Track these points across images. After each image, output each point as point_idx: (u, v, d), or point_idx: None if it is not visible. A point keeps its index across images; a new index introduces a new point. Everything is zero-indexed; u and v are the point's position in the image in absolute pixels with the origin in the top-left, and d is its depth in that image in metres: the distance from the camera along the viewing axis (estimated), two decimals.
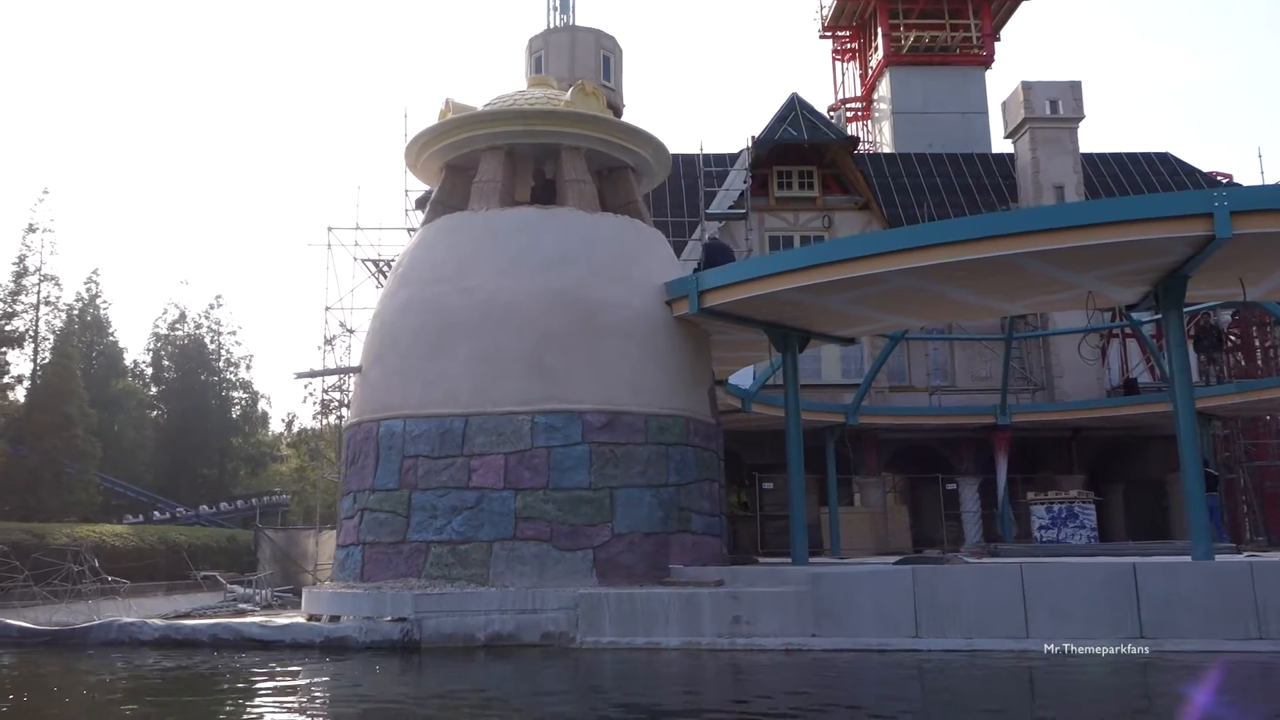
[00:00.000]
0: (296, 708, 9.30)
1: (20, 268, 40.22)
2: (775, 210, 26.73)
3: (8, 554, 18.68)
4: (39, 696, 10.09)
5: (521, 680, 10.89)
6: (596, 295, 14.27)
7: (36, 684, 10.97)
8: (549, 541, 13.23)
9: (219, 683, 10.95)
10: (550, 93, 16.31)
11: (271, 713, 9.08)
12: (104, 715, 8.94)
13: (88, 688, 10.67)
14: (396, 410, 14.11)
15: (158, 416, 50.38)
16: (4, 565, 18.27)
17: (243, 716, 8.95)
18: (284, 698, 10.05)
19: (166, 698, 9.91)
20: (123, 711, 9.06)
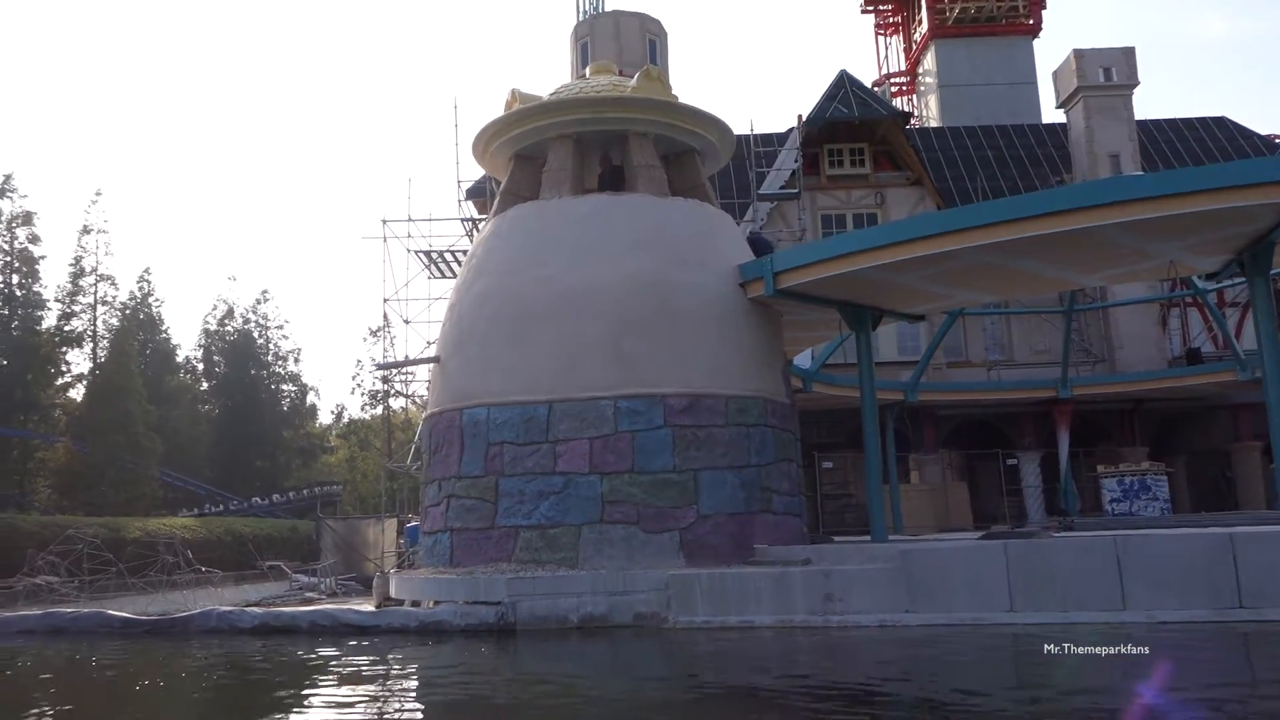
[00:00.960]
0: (413, 689, 9.57)
1: (77, 269, 41.12)
2: (827, 189, 26.64)
3: (100, 547, 19.21)
4: (173, 683, 10.46)
5: (628, 659, 11.11)
6: (672, 279, 14.38)
7: (163, 672, 11.34)
8: (636, 524, 13.41)
9: (330, 666, 11.26)
10: (615, 79, 16.39)
11: (387, 696, 9.35)
12: (240, 699, 9.25)
13: (218, 673, 11.02)
14: (479, 399, 14.33)
15: (208, 410, 51.31)
16: (97, 558, 18.81)
17: (362, 697, 9.22)
18: (396, 681, 10.34)
19: (285, 681, 10.23)
20: (252, 696, 9.37)
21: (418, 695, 9.37)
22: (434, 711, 8.37)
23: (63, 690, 10.22)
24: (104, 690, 10.16)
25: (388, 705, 8.78)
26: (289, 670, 10.94)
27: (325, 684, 10.10)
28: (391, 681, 10.43)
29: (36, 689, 10.49)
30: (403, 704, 8.92)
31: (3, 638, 14.93)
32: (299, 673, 10.82)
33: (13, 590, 22.27)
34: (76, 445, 38.44)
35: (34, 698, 9.67)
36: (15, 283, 39.94)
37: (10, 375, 38.87)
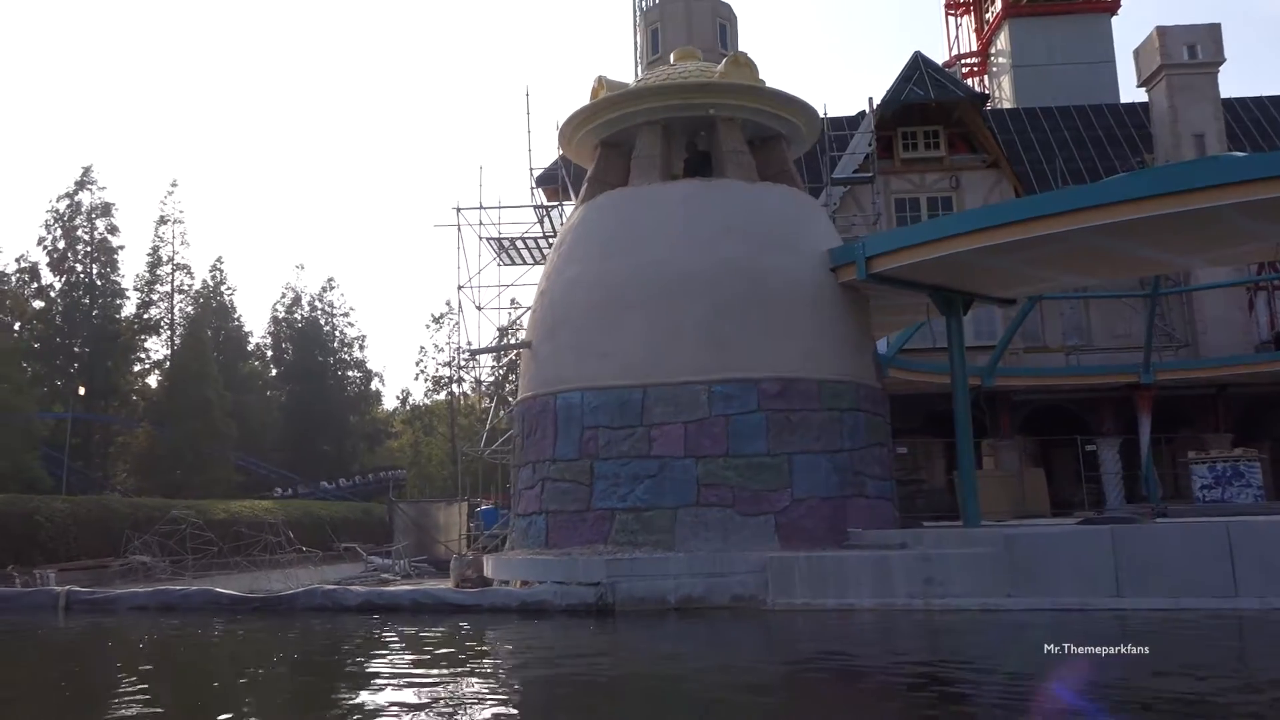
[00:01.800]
0: (526, 665, 9.80)
1: (154, 258, 42.30)
2: (901, 172, 26.38)
3: (203, 527, 19.87)
4: (297, 658, 10.84)
5: (732, 640, 11.25)
6: (764, 264, 14.43)
7: (287, 647, 11.73)
8: (731, 507, 13.52)
9: (444, 642, 11.56)
10: (702, 65, 16.42)
11: (502, 671, 9.58)
12: (360, 670, 9.57)
13: (342, 647, 11.39)
14: (573, 383, 14.53)
15: (276, 396, 52.42)
16: (199, 538, 19.46)
17: (486, 671, 9.47)
18: (509, 657, 10.59)
19: (407, 655, 10.53)
20: (374, 666, 9.68)
21: (531, 670, 9.60)
22: (551, 686, 8.56)
23: (210, 663, 10.65)
24: (260, 664, 10.56)
25: (506, 679, 9.01)
26: (411, 644, 11.25)
27: (441, 658, 10.38)
28: (504, 658, 10.70)
29: (176, 661, 10.95)
30: (518, 679, 9.14)
31: (116, 613, 15.56)
32: (417, 647, 11.13)
33: (110, 569, 23.13)
34: (155, 430, 39.66)
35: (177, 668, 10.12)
36: (95, 272, 41.25)
37: (91, 362, 40.21)
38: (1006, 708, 7.10)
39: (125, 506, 25.58)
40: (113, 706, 7.73)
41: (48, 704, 8.06)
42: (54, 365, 40.22)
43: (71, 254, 40.65)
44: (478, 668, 9.82)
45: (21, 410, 32.14)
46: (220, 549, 18.98)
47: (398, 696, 7.72)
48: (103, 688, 8.94)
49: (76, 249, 40.78)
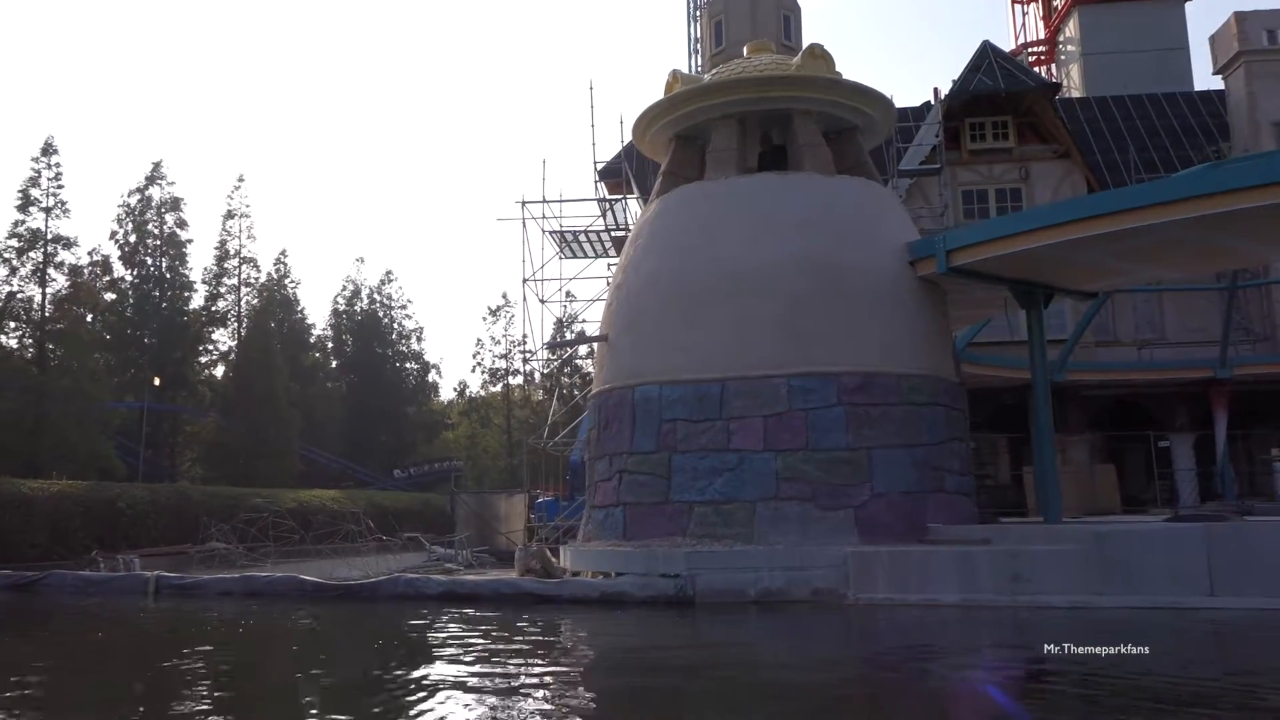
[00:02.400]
0: (612, 654, 9.90)
1: (222, 252, 43.21)
2: (968, 164, 26.03)
3: (284, 516, 20.34)
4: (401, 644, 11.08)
5: (823, 633, 11.27)
6: (843, 258, 14.38)
7: (384, 633, 11.99)
8: (811, 501, 13.52)
9: (525, 631, 11.74)
10: (777, 58, 16.37)
11: (609, 657, 9.70)
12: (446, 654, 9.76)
13: (442, 634, 11.63)
14: (651, 376, 14.62)
15: (336, 387, 53.30)
16: (281, 526, 19.93)
17: (570, 659, 9.61)
18: (599, 648, 10.71)
19: (497, 644, 10.72)
20: (461, 653, 9.87)
21: (614, 660, 9.71)
22: (636, 676, 8.65)
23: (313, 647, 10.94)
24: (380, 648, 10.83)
25: (589, 668, 9.12)
26: (494, 632, 11.44)
27: (526, 646, 10.56)
28: (586, 647, 10.82)
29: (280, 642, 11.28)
30: (601, 668, 9.22)
31: (205, 598, 16.02)
32: (499, 635, 11.32)
33: (188, 555, 23.79)
34: (223, 421, 40.59)
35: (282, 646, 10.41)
36: (165, 266, 42.24)
37: (161, 353, 41.23)
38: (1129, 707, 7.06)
39: (201, 494, 26.26)
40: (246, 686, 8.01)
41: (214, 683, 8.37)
42: (125, 356, 41.30)
43: (142, 248, 41.68)
44: (561, 656, 9.97)
45: (98, 399, 33.09)
46: (302, 537, 19.41)
47: (484, 683, 7.90)
48: (240, 668, 9.26)
49: (147, 243, 41.80)
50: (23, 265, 32.95)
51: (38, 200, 33.37)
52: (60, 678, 8.87)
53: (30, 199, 33.27)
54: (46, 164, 33.58)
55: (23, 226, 33.07)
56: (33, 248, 33.15)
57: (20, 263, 32.92)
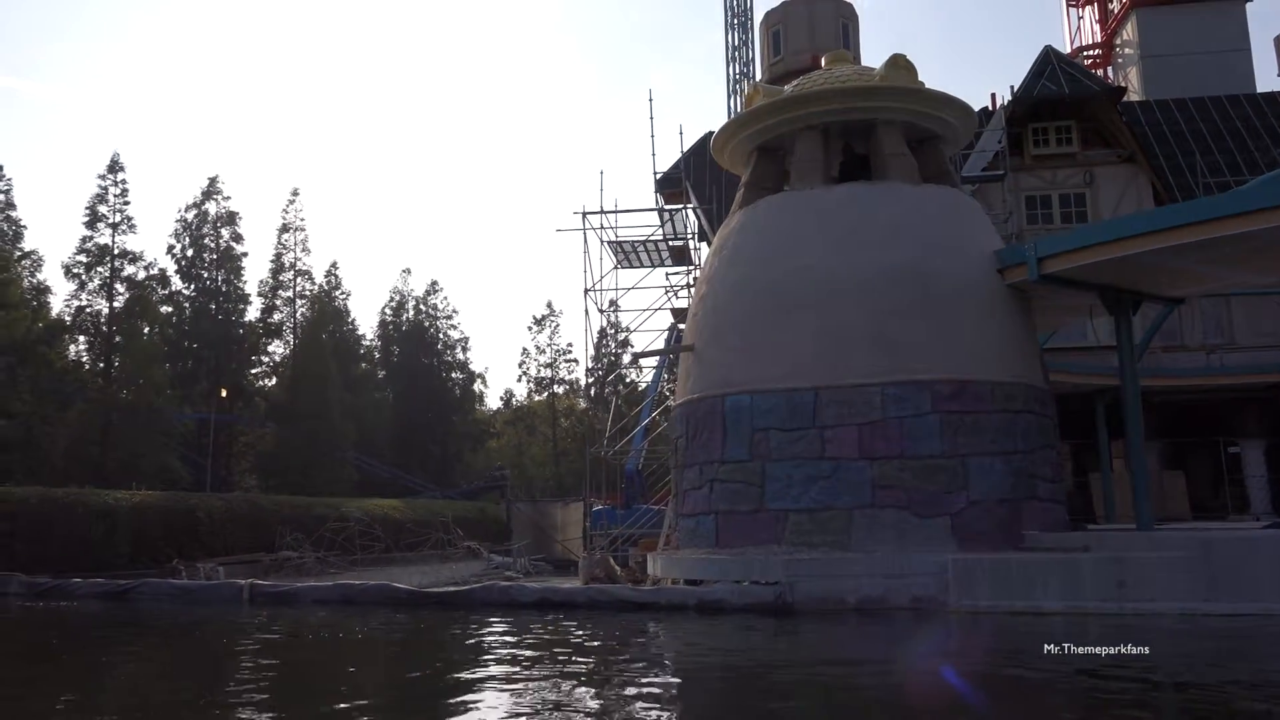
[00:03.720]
0: (733, 659, 10.00)
1: (277, 264, 43.95)
2: (1031, 169, 25.96)
3: (370, 525, 20.70)
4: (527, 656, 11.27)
5: (936, 641, 11.31)
6: (932, 266, 14.46)
7: (486, 640, 12.19)
8: (907, 509, 13.59)
9: (628, 638, 11.90)
10: (858, 69, 16.50)
11: (718, 664, 9.80)
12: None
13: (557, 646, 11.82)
14: (741, 386, 14.77)
15: (382, 397, 53.89)
16: (366, 534, 20.28)
17: (676, 667, 9.73)
18: (707, 655, 10.82)
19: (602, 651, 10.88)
20: (565, 659, 10.05)
21: (726, 666, 9.80)
22: (755, 683, 8.76)
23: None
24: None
25: (694, 675, 9.20)
26: (597, 639, 11.60)
27: (630, 653, 10.71)
28: (692, 654, 10.90)
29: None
30: (710, 675, 9.25)
31: (300, 606, 16.33)
32: (603, 641, 11.48)
33: (262, 563, 24.23)
34: (279, 430, 41.20)
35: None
36: (221, 279, 43.03)
37: (217, 365, 41.97)
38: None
39: (271, 504, 26.76)
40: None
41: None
42: (182, 368, 42.08)
43: (199, 262, 42.48)
44: (670, 663, 10.09)
45: (163, 410, 33.81)
46: (389, 545, 19.73)
47: (589, 690, 8.07)
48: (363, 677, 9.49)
49: (203, 257, 42.61)
50: (91, 280, 33.78)
51: (105, 216, 34.27)
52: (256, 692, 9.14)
53: (98, 215, 34.15)
54: (113, 181, 34.47)
55: (91, 242, 33.91)
56: (100, 263, 33.97)
57: (88, 277, 33.74)
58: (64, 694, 8.71)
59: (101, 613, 17.13)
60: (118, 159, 34.91)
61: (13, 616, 16.75)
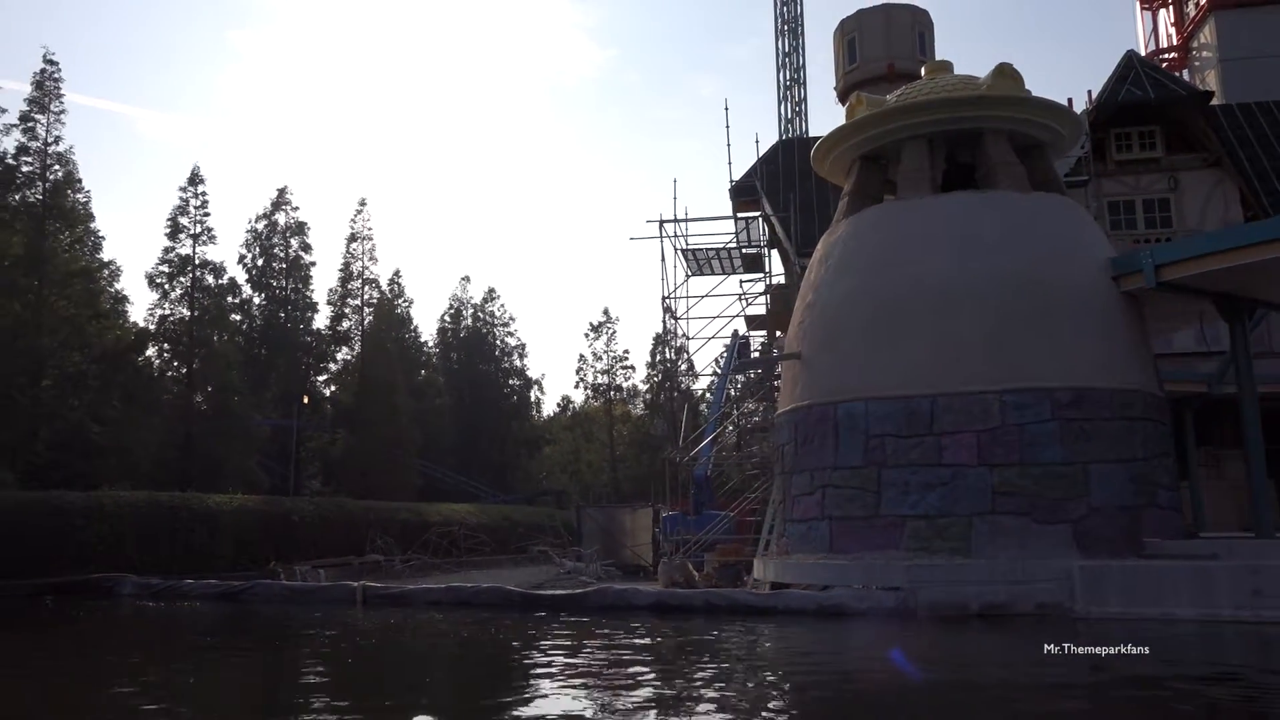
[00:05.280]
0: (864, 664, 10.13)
1: (346, 273, 44.72)
2: (1114, 175, 25.80)
3: (475, 530, 21.10)
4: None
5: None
6: (1047, 274, 14.52)
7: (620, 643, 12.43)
8: (1028, 515, 13.65)
9: (755, 642, 12.09)
10: (963, 77, 16.59)
11: (851, 668, 9.93)
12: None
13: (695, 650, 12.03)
14: (854, 393, 14.92)
15: (442, 403, 54.58)
16: (471, 539, 20.67)
17: (818, 674, 9.88)
18: (839, 659, 10.94)
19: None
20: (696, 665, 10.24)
21: (859, 671, 9.95)
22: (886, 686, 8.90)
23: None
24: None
25: (830, 681, 9.33)
26: (724, 643, 11.78)
27: (765, 657, 10.87)
28: (826, 659, 11.05)
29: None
30: (844, 681, 9.38)
31: (413, 607, 16.71)
32: (730, 646, 11.68)
33: (352, 565, 24.74)
34: (346, 436, 41.92)
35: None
36: (290, 287, 43.89)
37: (287, 372, 42.79)
38: None
39: (359, 508, 27.31)
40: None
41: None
42: (253, 375, 42.96)
43: (269, 271, 43.36)
44: (809, 670, 10.21)
45: (243, 417, 34.57)
46: (492, 548, 20.12)
47: (724, 693, 8.27)
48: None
49: (273, 265, 43.49)
50: (173, 289, 34.63)
51: (186, 228, 35.09)
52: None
53: (179, 226, 35.00)
54: (193, 193, 35.30)
55: (173, 253, 34.79)
56: (182, 273, 34.83)
57: (171, 287, 34.61)
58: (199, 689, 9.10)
59: (216, 612, 17.65)
60: (198, 171, 35.77)
61: (145, 616, 17.31)
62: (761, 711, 7.84)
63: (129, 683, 9.83)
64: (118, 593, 19.78)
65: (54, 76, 31.15)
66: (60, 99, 31.13)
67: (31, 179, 30.80)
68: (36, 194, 30.96)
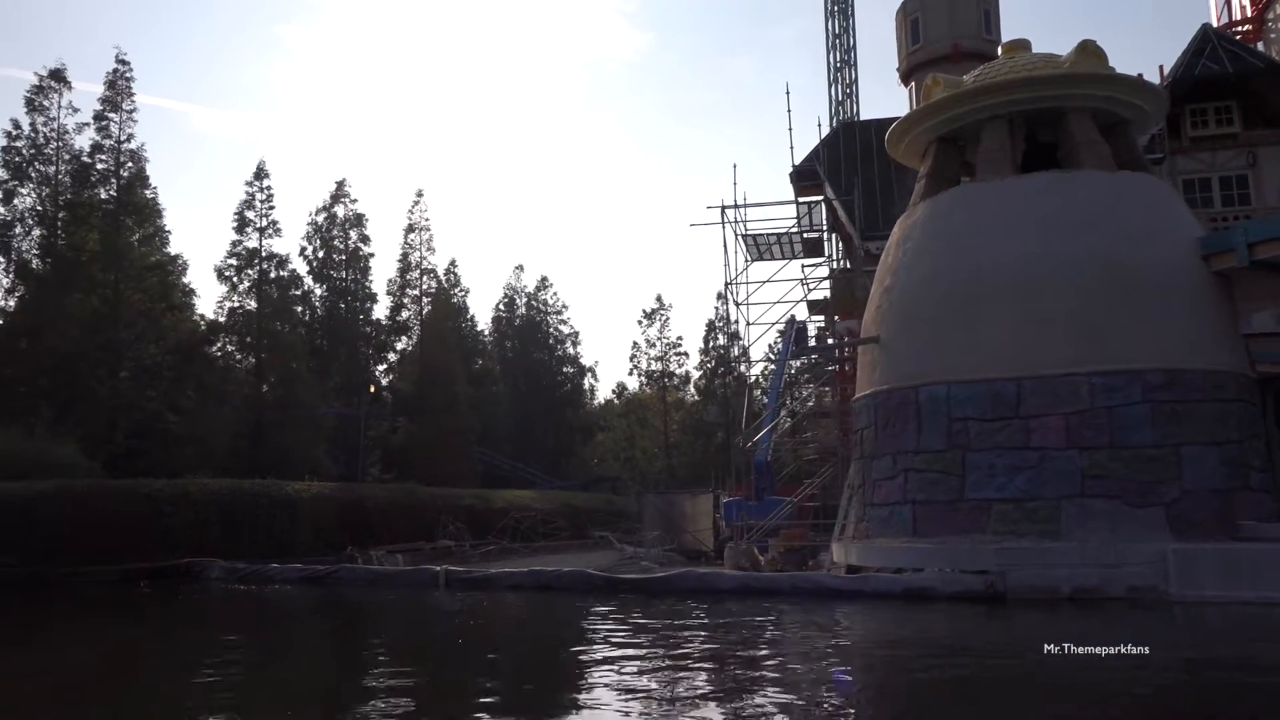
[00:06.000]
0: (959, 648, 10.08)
1: (404, 263, 45.31)
2: (1188, 152, 25.16)
3: (550, 516, 21.42)
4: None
5: (1186, 633, 11.23)
6: (1135, 254, 14.30)
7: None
8: (1119, 498, 13.51)
9: (852, 625, 12.14)
10: (1043, 56, 16.35)
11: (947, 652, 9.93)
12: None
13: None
14: (935, 376, 14.85)
15: (498, 392, 55.12)
16: (549, 524, 20.98)
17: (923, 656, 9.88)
18: (935, 642, 10.95)
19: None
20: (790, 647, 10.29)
21: (957, 653, 9.94)
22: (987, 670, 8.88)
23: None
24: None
25: (926, 662, 9.32)
26: (816, 626, 11.83)
27: (869, 640, 10.91)
28: (922, 644, 11.02)
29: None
30: (944, 663, 9.36)
31: (496, 591, 17.01)
32: (823, 628, 11.72)
33: (423, 550, 25.19)
34: (408, 424, 42.56)
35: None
36: (349, 278, 44.56)
37: (348, 362, 43.51)
38: None
39: (428, 495, 27.79)
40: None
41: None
42: (315, 365, 43.75)
43: (329, 262, 44.06)
44: (927, 650, 10.24)
45: (310, 406, 35.27)
46: (569, 533, 20.39)
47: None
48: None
49: (333, 257, 44.18)
50: (241, 282, 35.40)
51: (252, 221, 35.81)
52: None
53: (245, 220, 35.73)
54: (259, 187, 36.00)
55: (240, 246, 35.55)
56: (249, 265, 35.58)
57: (239, 280, 35.37)
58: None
59: (305, 596, 18.12)
60: (263, 166, 36.46)
61: (240, 599, 17.85)
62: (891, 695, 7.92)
63: (306, 661, 10.22)
64: (205, 577, 20.36)
65: (125, 76, 31.99)
66: (131, 98, 32.00)
67: (106, 176, 31.66)
68: (110, 190, 31.82)
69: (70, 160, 31.55)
